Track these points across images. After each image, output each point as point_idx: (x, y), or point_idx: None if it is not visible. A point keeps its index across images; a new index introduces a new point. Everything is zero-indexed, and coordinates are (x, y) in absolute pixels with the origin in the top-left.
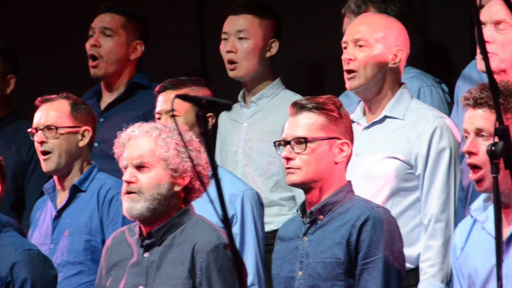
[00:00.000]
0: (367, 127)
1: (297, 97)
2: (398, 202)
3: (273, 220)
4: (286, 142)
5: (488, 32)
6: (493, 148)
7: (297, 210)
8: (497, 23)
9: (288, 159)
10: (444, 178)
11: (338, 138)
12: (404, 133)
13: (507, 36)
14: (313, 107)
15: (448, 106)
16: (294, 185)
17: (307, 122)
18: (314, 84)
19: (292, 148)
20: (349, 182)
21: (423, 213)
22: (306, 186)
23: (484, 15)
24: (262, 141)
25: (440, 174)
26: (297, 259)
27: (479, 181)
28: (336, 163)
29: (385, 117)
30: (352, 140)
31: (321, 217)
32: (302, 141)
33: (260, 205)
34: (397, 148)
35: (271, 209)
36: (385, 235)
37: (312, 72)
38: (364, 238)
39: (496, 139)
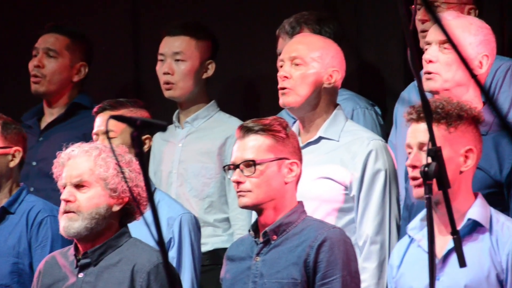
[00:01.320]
0: (302, 147)
1: (232, 119)
2: (332, 223)
3: (208, 241)
4: (235, 166)
5: (432, 51)
6: (426, 169)
7: (249, 230)
8: (441, 43)
9: (238, 182)
10: (379, 200)
11: (287, 158)
12: (339, 154)
13: (450, 56)
14: (260, 129)
15: (381, 129)
16: (246, 207)
17: (255, 145)
18: (250, 105)
19: (242, 171)
20: (300, 203)
21: (358, 235)
22: (258, 208)
23: (429, 35)
24: (197, 162)
25: (375, 196)
26: (249, 279)
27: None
28: (286, 183)
29: (320, 138)
30: (300, 160)
31: (275, 237)
32: (251, 163)
33: (197, 229)
34: (332, 169)
35: (205, 230)
36: (342, 256)
37: (248, 92)
38: (322, 259)
39: (429, 160)
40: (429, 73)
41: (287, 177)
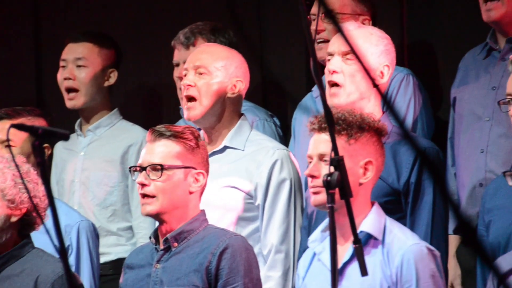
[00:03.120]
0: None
1: (134, 127)
2: (237, 231)
3: (111, 251)
4: (142, 168)
5: (336, 62)
6: (328, 178)
7: (150, 237)
8: (344, 54)
9: (143, 185)
10: (284, 209)
11: (194, 168)
12: (244, 163)
13: (353, 67)
14: (171, 135)
15: (280, 140)
16: (150, 215)
17: (164, 150)
18: (152, 113)
19: (148, 174)
20: (202, 211)
21: (262, 244)
22: (160, 216)
23: (332, 46)
24: (99, 170)
25: (280, 205)
26: (149, 286)
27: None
28: (190, 193)
29: (225, 147)
30: (207, 171)
31: (175, 244)
32: (158, 168)
33: (95, 236)
34: (237, 178)
35: (109, 239)
36: (244, 263)
37: (150, 101)
38: (223, 266)
39: (332, 169)
40: (333, 84)
41: (192, 186)
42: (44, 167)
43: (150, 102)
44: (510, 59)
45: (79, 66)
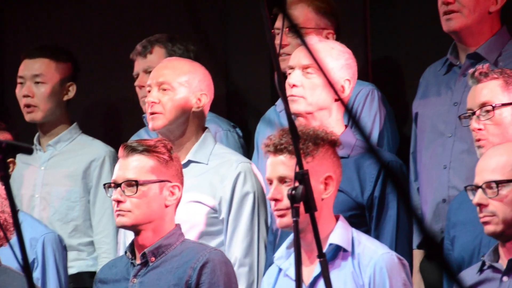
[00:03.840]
0: None
1: (95, 142)
2: None
3: (73, 265)
4: (117, 185)
5: (296, 76)
6: (293, 192)
7: (126, 252)
8: (305, 67)
9: (118, 202)
10: (248, 222)
11: (169, 181)
12: (208, 177)
13: (313, 81)
14: (144, 149)
15: (243, 150)
16: (124, 227)
17: (138, 165)
18: (112, 127)
19: (123, 191)
20: (178, 225)
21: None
22: (136, 229)
23: (293, 60)
24: (61, 185)
25: (244, 218)
26: None
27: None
28: (166, 206)
29: (189, 161)
30: (182, 183)
31: (153, 259)
32: (133, 184)
33: (62, 248)
34: (202, 192)
35: (70, 254)
36: (224, 277)
37: (109, 115)
38: (204, 280)
39: (297, 184)
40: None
41: (168, 199)
42: (7, 181)
43: (109, 116)
44: (470, 73)
45: (37, 82)
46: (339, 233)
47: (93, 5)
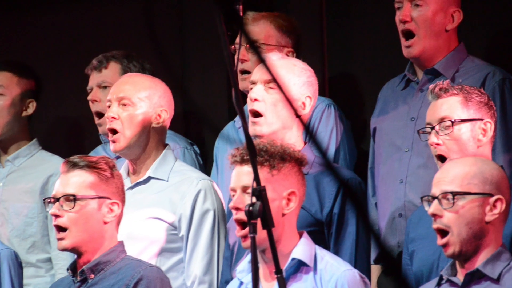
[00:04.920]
0: (131, 188)
1: (54, 158)
2: (161, 263)
3: (30, 282)
4: (56, 199)
5: (258, 91)
6: (250, 208)
7: (67, 269)
8: (267, 82)
9: (56, 216)
10: (208, 240)
11: (108, 198)
12: (168, 194)
13: (275, 96)
14: (85, 165)
15: (200, 168)
16: (66, 250)
17: (78, 180)
18: (75, 143)
19: (61, 205)
20: (121, 242)
21: (186, 275)
22: (78, 251)
23: (254, 75)
24: (19, 201)
25: (204, 236)
26: None
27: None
28: (105, 223)
29: (149, 178)
30: (123, 201)
31: (92, 276)
32: (71, 198)
33: (18, 265)
34: (161, 209)
35: (28, 271)
36: None
37: (71, 131)
38: None
39: (254, 200)
40: (255, 112)
41: (106, 216)
42: None
43: (73, 132)
44: (430, 89)
45: None
46: (302, 249)
47: (56, 23)
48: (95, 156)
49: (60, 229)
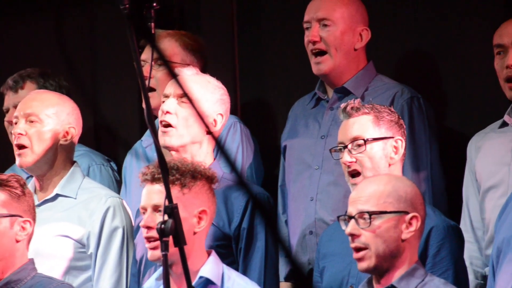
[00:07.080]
0: (39, 205)
1: None
2: (69, 281)
3: None
4: None
5: (170, 103)
6: (162, 226)
7: None
8: (180, 96)
9: None
10: (116, 257)
11: (20, 216)
12: (77, 212)
13: (188, 111)
14: None
15: (117, 185)
16: None
17: None
18: None
19: None
20: (31, 260)
21: None
22: None
23: (169, 88)
24: None
25: (113, 253)
26: None
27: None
28: (17, 241)
29: (57, 195)
30: (34, 219)
31: None
32: None
33: None
34: (69, 226)
35: None
36: None
37: None
38: None
39: (166, 217)
40: (166, 124)
41: (18, 234)
42: None
43: None
44: (341, 107)
45: None
46: (210, 267)
47: None
48: (6, 174)
49: None
